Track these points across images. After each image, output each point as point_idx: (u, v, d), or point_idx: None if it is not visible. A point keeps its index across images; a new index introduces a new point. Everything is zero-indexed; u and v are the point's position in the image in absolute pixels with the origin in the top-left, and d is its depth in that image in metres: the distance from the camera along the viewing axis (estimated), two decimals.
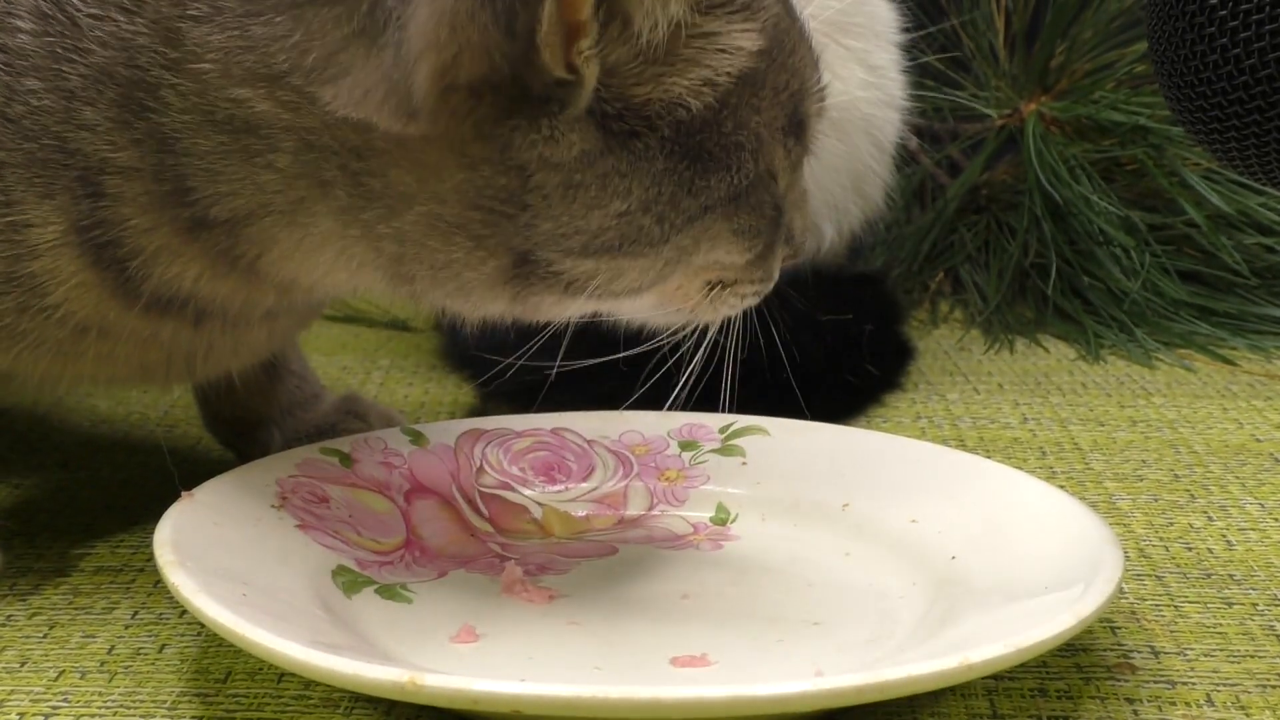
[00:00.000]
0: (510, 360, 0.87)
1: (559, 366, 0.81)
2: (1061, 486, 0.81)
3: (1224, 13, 0.59)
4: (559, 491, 0.84)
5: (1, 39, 0.66)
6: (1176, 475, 0.95)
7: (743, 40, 0.64)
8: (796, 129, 0.70)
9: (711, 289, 0.71)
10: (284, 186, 0.65)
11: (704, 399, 0.85)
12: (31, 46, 0.66)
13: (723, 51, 0.63)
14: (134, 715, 0.65)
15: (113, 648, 0.71)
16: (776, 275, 0.73)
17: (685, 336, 0.74)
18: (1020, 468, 0.82)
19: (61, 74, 0.65)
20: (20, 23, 0.66)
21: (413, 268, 0.65)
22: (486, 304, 0.67)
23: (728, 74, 0.64)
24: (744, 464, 0.85)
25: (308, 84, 0.61)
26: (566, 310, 0.69)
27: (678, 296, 0.71)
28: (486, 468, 0.84)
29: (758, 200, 0.68)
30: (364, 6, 0.60)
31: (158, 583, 0.75)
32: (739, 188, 0.66)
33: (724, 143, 0.65)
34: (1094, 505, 0.85)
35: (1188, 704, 0.65)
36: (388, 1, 0.59)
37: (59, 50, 0.65)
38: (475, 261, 0.64)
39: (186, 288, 0.70)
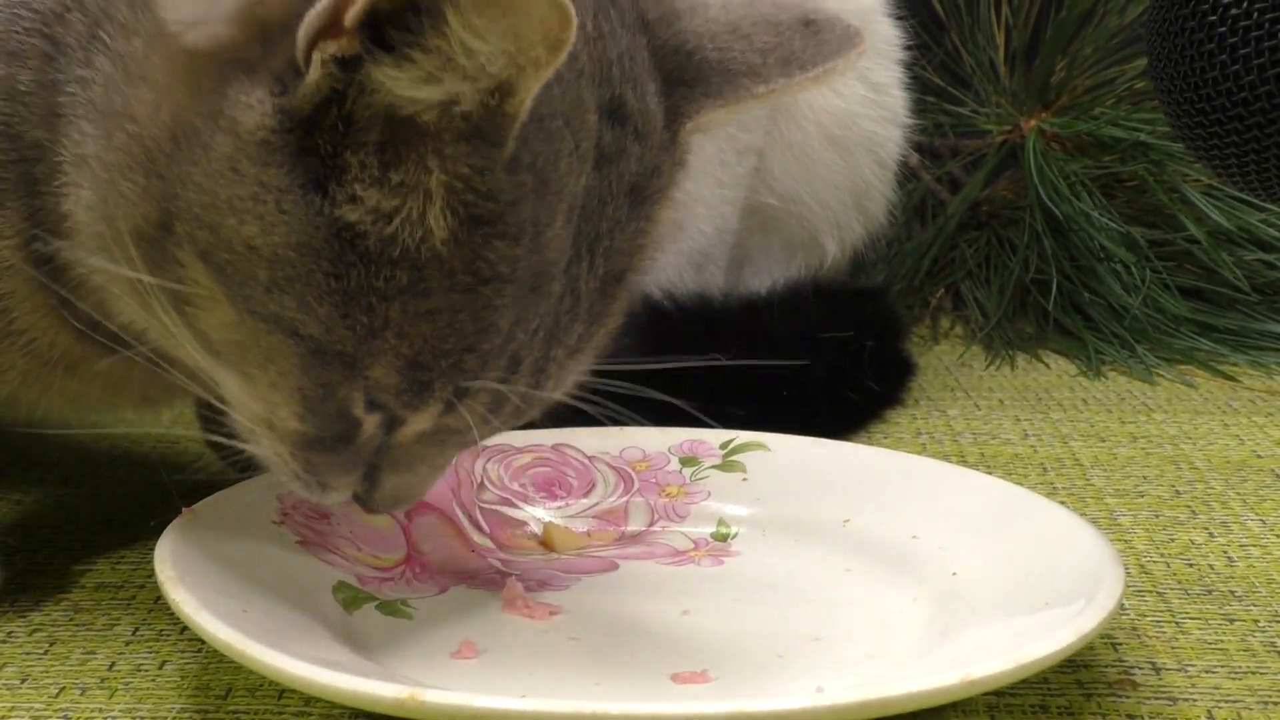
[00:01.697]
0: None
1: None
2: (1062, 502, 0.81)
3: (1224, 29, 0.59)
4: (560, 507, 0.84)
5: None
6: (1178, 491, 0.95)
7: (439, 231, 0.58)
8: (417, 382, 0.60)
9: (259, 424, 0.65)
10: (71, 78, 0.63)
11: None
12: None
13: (423, 209, 0.58)
14: None
15: (113, 664, 0.71)
16: (328, 493, 0.66)
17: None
18: (1021, 483, 0.82)
19: (12, 36, 0.65)
20: None
21: (99, 214, 0.62)
22: (127, 287, 0.63)
23: (407, 241, 0.58)
24: (745, 480, 0.85)
25: None
26: (172, 341, 0.64)
27: (248, 401, 0.64)
28: (487, 483, 0.84)
29: (328, 389, 0.61)
30: None
31: (158, 599, 0.75)
32: (328, 347, 0.59)
33: (361, 291, 0.58)
34: (1095, 521, 0.85)
35: None
36: None
37: (17, 12, 0.65)
38: (134, 201, 0.60)
39: (121, 320, 0.68)
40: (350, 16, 0.54)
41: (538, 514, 0.83)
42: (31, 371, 0.72)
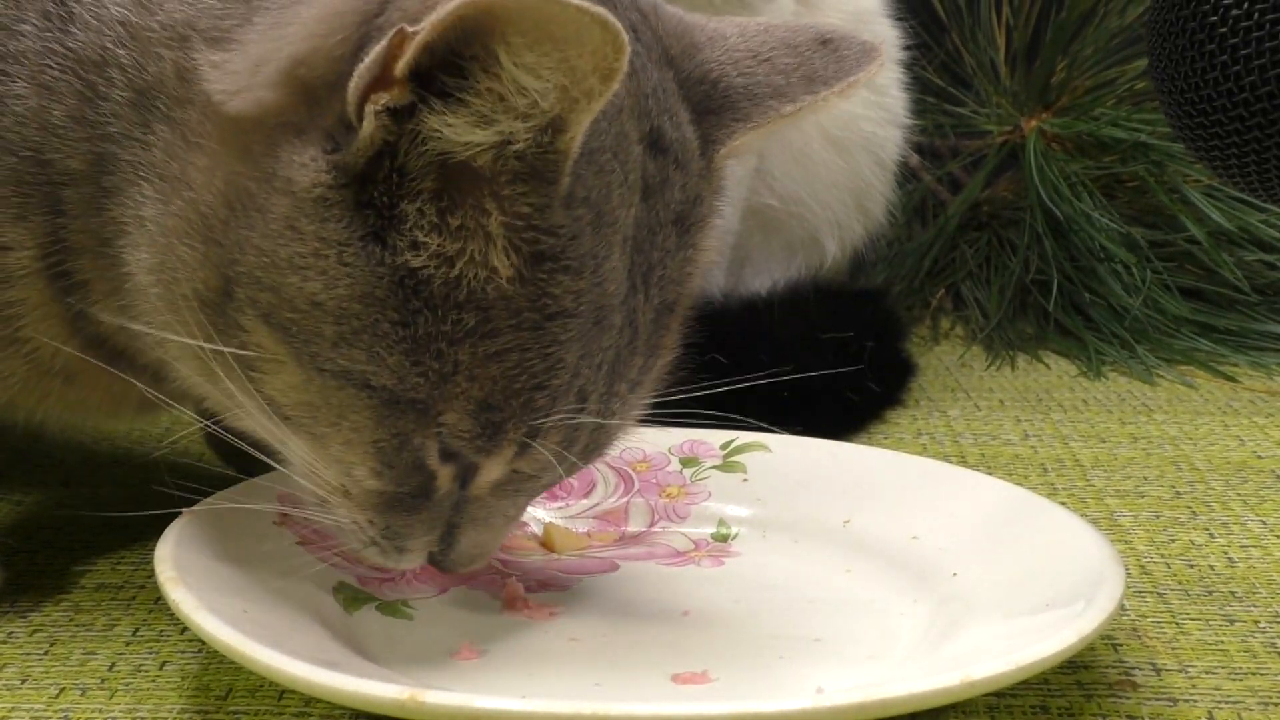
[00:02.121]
0: None
1: None
2: (1063, 503, 0.81)
3: (1224, 30, 0.59)
4: (560, 508, 0.84)
5: (3, 46, 0.66)
6: (1178, 492, 0.95)
7: (505, 270, 0.58)
8: (490, 424, 0.61)
9: (335, 493, 0.65)
10: (141, 151, 0.64)
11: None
12: (30, 48, 0.65)
13: (486, 252, 0.58)
14: None
15: (113, 665, 0.71)
16: (406, 556, 0.66)
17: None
18: (1022, 484, 0.82)
19: (46, 69, 0.65)
20: (25, 27, 0.65)
21: (152, 281, 0.63)
22: (189, 332, 0.62)
23: (474, 282, 0.59)
24: (745, 480, 0.85)
25: (199, 42, 0.61)
26: (239, 408, 0.64)
27: (320, 467, 0.64)
28: None
29: (402, 438, 0.61)
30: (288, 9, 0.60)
31: (158, 599, 0.75)
32: (401, 395, 0.60)
33: (429, 338, 0.59)
34: (1095, 522, 0.85)
35: None
36: (299, 7, 0.60)
37: (50, 45, 0.65)
38: (194, 267, 0.61)
39: (129, 344, 0.69)
40: (401, 66, 0.55)
41: (538, 514, 0.83)
42: (31, 379, 0.72)
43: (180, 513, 0.72)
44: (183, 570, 0.66)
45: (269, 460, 0.70)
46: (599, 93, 0.55)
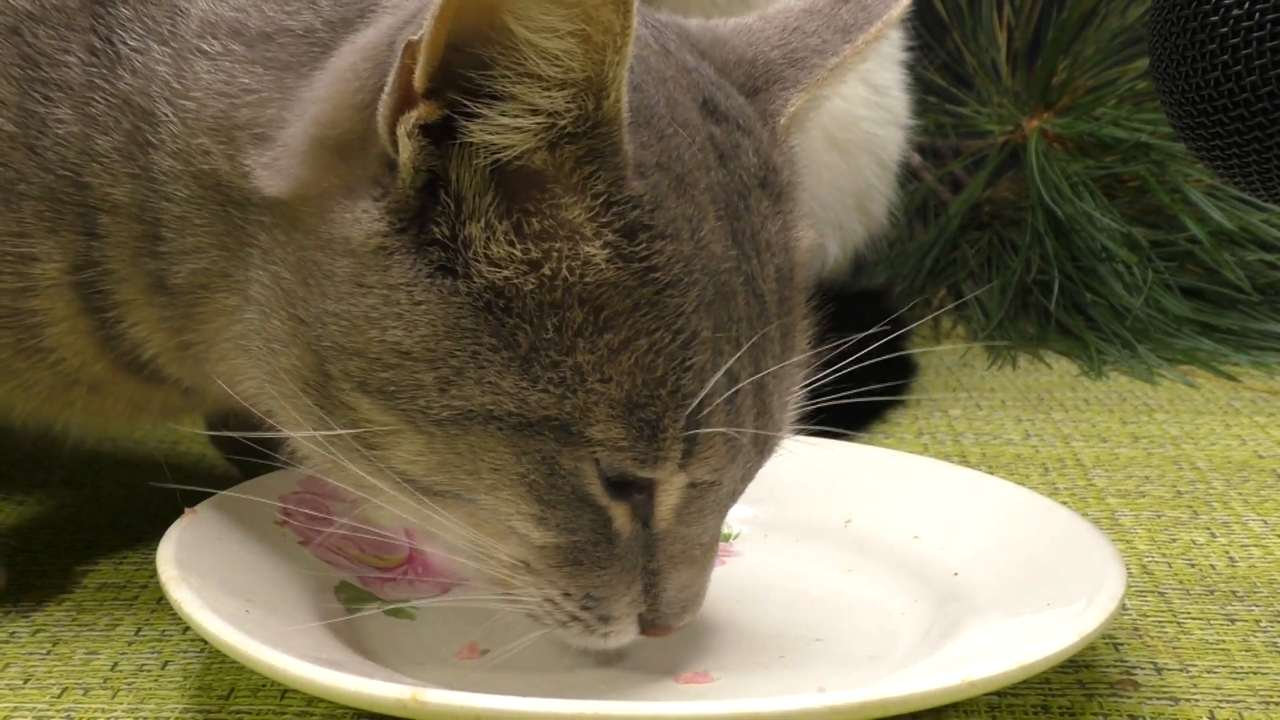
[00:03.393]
0: None
1: None
2: (1064, 503, 0.81)
3: (1225, 30, 0.59)
4: None
5: (47, 73, 0.66)
6: (1179, 491, 0.95)
7: (600, 253, 0.57)
8: (646, 426, 0.58)
9: (517, 569, 0.62)
10: (229, 243, 0.64)
11: None
12: (74, 79, 0.66)
13: (573, 242, 0.57)
14: None
15: (116, 664, 0.71)
16: (613, 625, 0.62)
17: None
18: (1023, 484, 0.82)
19: (91, 100, 0.65)
20: (69, 57, 0.66)
21: (258, 347, 0.63)
22: (300, 421, 0.62)
23: (570, 277, 0.57)
24: None
25: (247, 142, 0.61)
26: (371, 493, 0.62)
27: (489, 547, 0.61)
28: None
29: (549, 463, 0.58)
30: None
31: (161, 599, 0.75)
32: (531, 417, 0.57)
33: (535, 350, 0.57)
34: (1096, 521, 0.85)
35: None
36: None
37: (96, 79, 0.65)
38: (290, 345, 0.60)
39: (157, 359, 0.70)
40: (419, 75, 0.54)
41: None
42: (57, 388, 0.72)
43: (183, 513, 0.72)
44: (185, 570, 0.66)
45: (273, 461, 0.70)
46: (621, 27, 0.53)
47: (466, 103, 0.55)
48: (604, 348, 0.57)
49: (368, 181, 0.58)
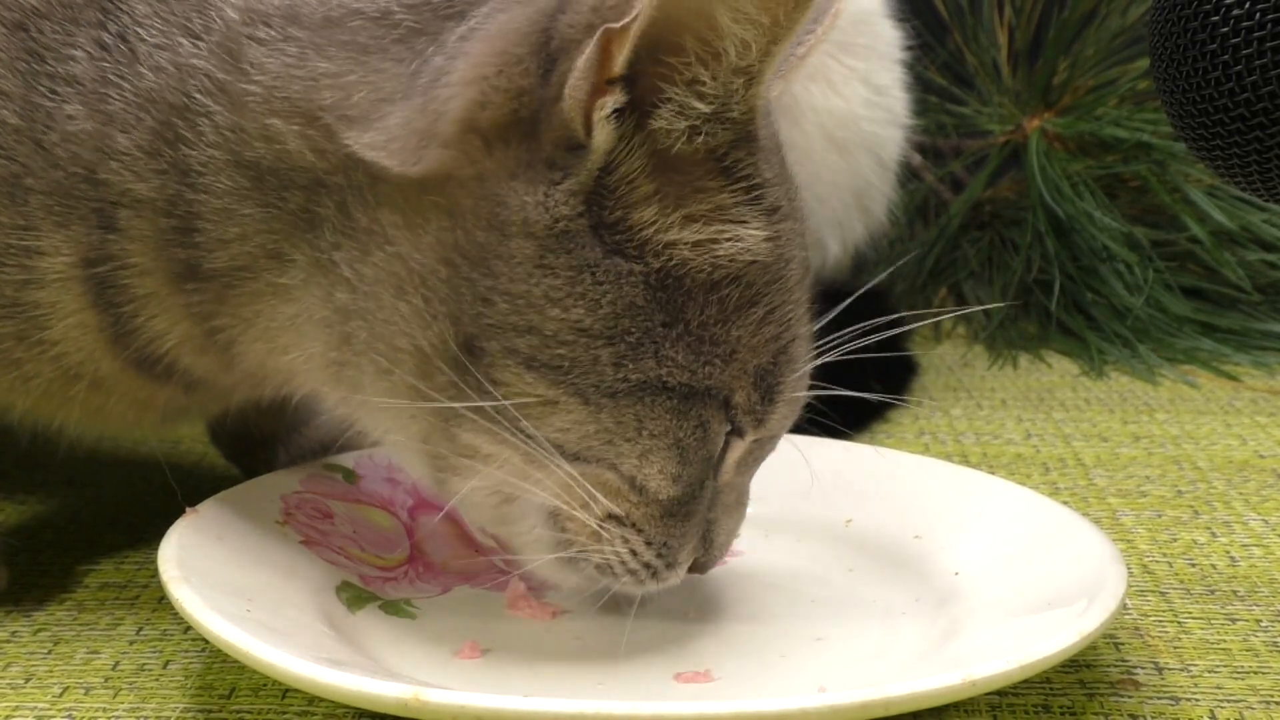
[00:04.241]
0: None
1: None
2: (1065, 502, 0.81)
3: (1226, 29, 0.59)
4: None
5: (53, 68, 0.66)
6: (1180, 491, 0.95)
7: (754, 234, 0.62)
8: (766, 389, 0.64)
9: (608, 523, 0.65)
10: (284, 229, 0.64)
11: None
12: (83, 74, 0.66)
13: (734, 224, 0.61)
14: None
15: (117, 664, 0.71)
16: (674, 572, 0.66)
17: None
18: (1024, 483, 0.82)
19: (106, 98, 0.66)
20: (77, 52, 0.66)
21: (355, 327, 0.63)
22: (400, 414, 0.64)
23: (730, 257, 0.61)
24: None
25: (338, 123, 0.62)
26: (480, 460, 0.64)
27: (588, 504, 0.64)
28: None
29: (704, 427, 0.63)
30: (418, 63, 0.61)
31: (162, 599, 0.75)
32: (698, 386, 0.62)
33: (702, 325, 0.61)
34: (1097, 521, 0.85)
35: None
36: (435, 59, 0.60)
37: (110, 76, 0.65)
38: (418, 324, 0.61)
39: (171, 352, 0.70)
40: (620, 62, 0.57)
41: None
42: (57, 382, 0.72)
43: (184, 512, 0.72)
44: (186, 569, 0.66)
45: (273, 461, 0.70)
46: (797, 18, 0.57)
47: (661, 87, 0.58)
48: (753, 321, 0.62)
49: (541, 164, 0.59)
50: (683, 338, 0.61)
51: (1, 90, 0.66)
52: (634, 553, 0.65)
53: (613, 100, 0.58)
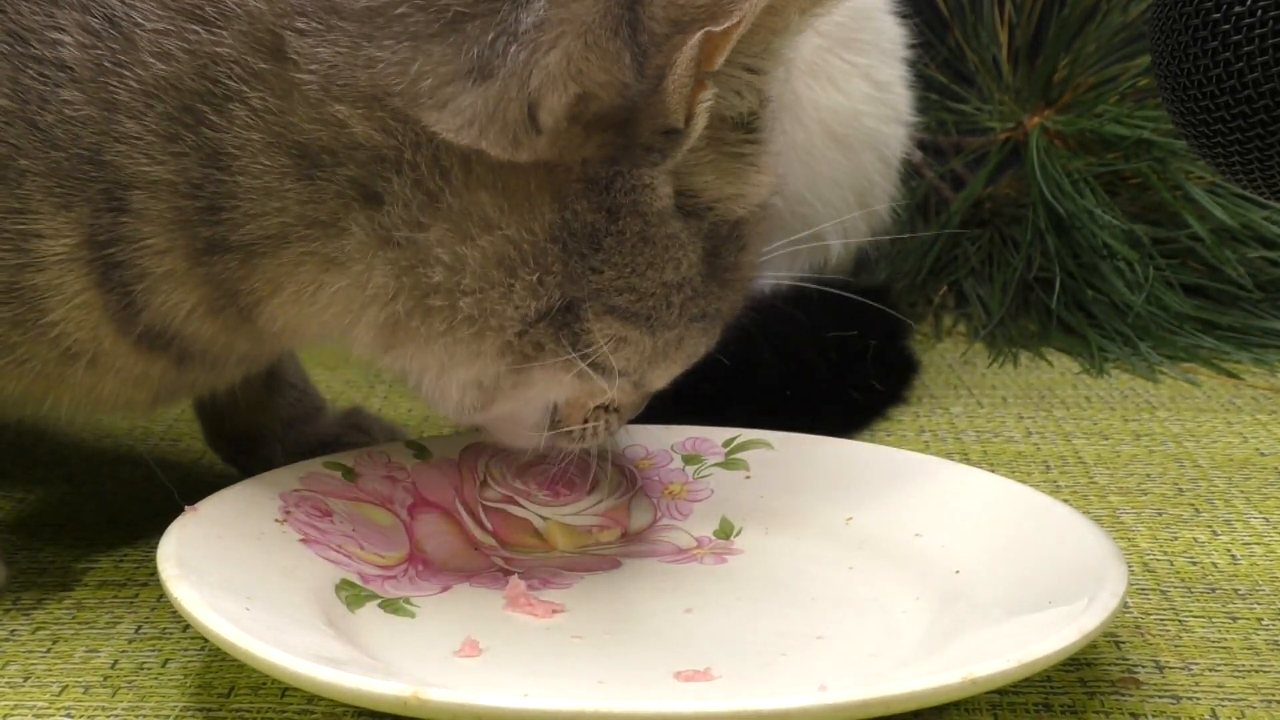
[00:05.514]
0: None
1: None
2: (1065, 500, 0.81)
3: (1227, 26, 0.59)
4: (562, 505, 0.84)
5: (39, 51, 0.66)
6: (1181, 489, 0.95)
7: (765, 178, 0.70)
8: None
9: (598, 410, 0.76)
10: (330, 201, 0.66)
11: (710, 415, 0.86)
12: (74, 59, 0.66)
13: (757, 173, 0.69)
14: None
15: (116, 662, 0.71)
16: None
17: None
18: (1024, 481, 0.82)
19: (106, 86, 0.66)
20: (63, 36, 0.66)
21: (440, 300, 0.67)
22: (485, 362, 0.69)
23: (753, 200, 0.70)
24: (748, 478, 0.85)
25: (411, 108, 0.63)
26: (535, 394, 0.72)
27: (579, 405, 0.75)
28: (490, 481, 0.84)
29: (712, 339, 0.73)
30: (478, 47, 0.63)
31: (161, 597, 0.75)
32: (723, 310, 0.72)
33: (729, 262, 0.70)
34: (1098, 519, 0.85)
35: (1192, 719, 0.65)
36: (500, 42, 0.62)
37: (107, 64, 0.66)
38: (529, 296, 0.66)
39: (178, 322, 0.70)
40: (719, 61, 0.62)
41: (541, 512, 0.83)
42: (53, 363, 0.72)
43: (183, 510, 0.72)
44: (186, 568, 0.66)
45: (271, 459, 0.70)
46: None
47: (741, 76, 0.65)
48: (751, 257, 0.72)
49: (639, 149, 0.65)
50: (721, 276, 0.70)
51: None
52: (608, 427, 0.76)
53: (708, 95, 0.63)
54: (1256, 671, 0.70)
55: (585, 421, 0.75)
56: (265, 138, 0.65)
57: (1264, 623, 0.75)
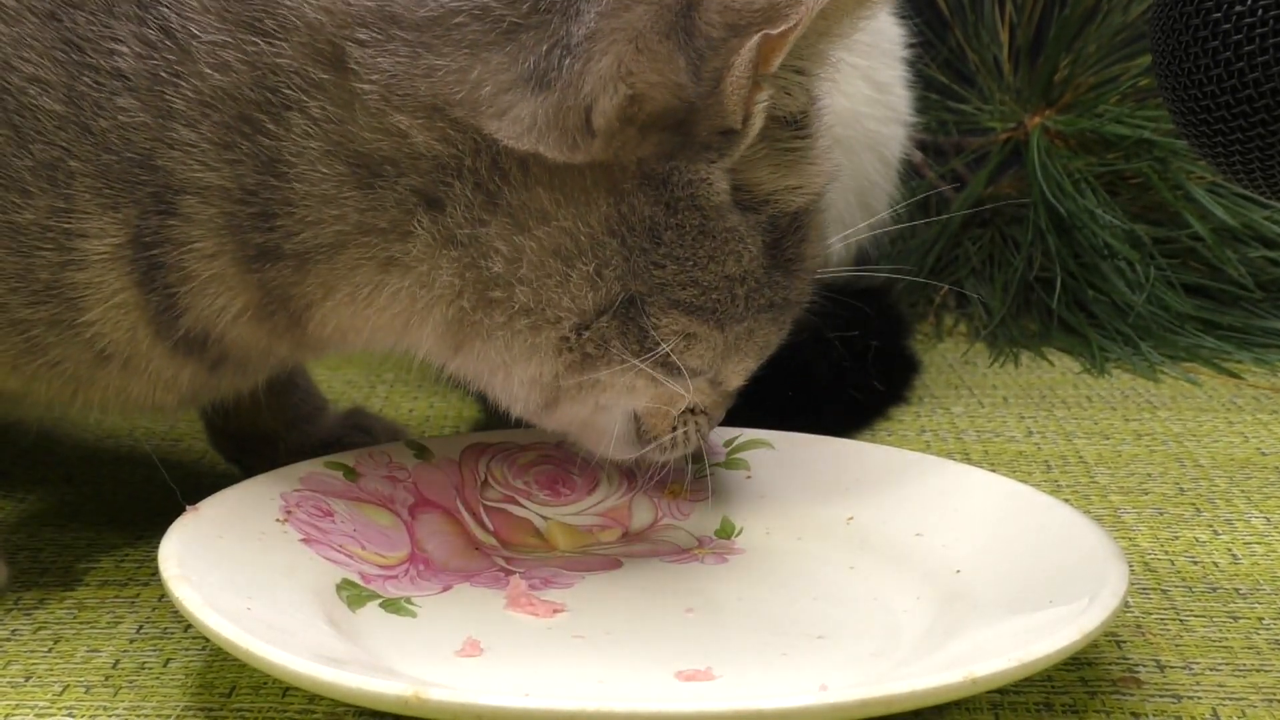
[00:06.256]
0: None
1: None
2: (1066, 500, 0.81)
3: (1227, 26, 0.59)
4: (563, 505, 0.84)
5: (95, 60, 0.67)
6: (1182, 489, 0.95)
7: (820, 168, 0.71)
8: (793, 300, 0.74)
9: (684, 414, 0.76)
10: (391, 209, 0.67)
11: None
12: (130, 69, 0.67)
13: (810, 166, 0.71)
14: None
15: (117, 662, 0.71)
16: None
17: None
18: (1025, 481, 0.82)
19: (162, 95, 0.66)
20: (119, 46, 0.67)
21: (501, 294, 0.68)
22: (542, 358, 0.70)
23: (810, 192, 0.71)
24: (748, 477, 0.85)
25: (472, 115, 0.64)
26: (608, 400, 0.72)
27: (662, 413, 0.75)
28: (491, 481, 0.84)
29: (784, 329, 0.74)
30: (533, 56, 0.64)
31: (162, 597, 0.75)
32: (792, 299, 0.73)
33: (793, 252, 0.72)
34: (1099, 519, 0.85)
35: (1193, 718, 0.65)
36: (555, 54, 0.64)
37: (163, 74, 0.66)
38: (588, 288, 0.67)
39: (220, 327, 0.71)
40: (775, 65, 0.64)
41: (542, 511, 0.83)
42: (85, 365, 0.72)
43: (184, 510, 0.72)
44: (187, 568, 0.66)
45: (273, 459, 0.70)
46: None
47: (792, 77, 0.67)
48: (813, 247, 0.74)
49: (697, 147, 0.66)
50: (784, 266, 0.71)
51: (39, 78, 0.67)
52: (699, 431, 0.76)
53: (765, 97, 0.65)
54: (1257, 671, 0.70)
55: (674, 430, 0.75)
56: (324, 146, 0.66)
57: (1265, 622, 0.75)
